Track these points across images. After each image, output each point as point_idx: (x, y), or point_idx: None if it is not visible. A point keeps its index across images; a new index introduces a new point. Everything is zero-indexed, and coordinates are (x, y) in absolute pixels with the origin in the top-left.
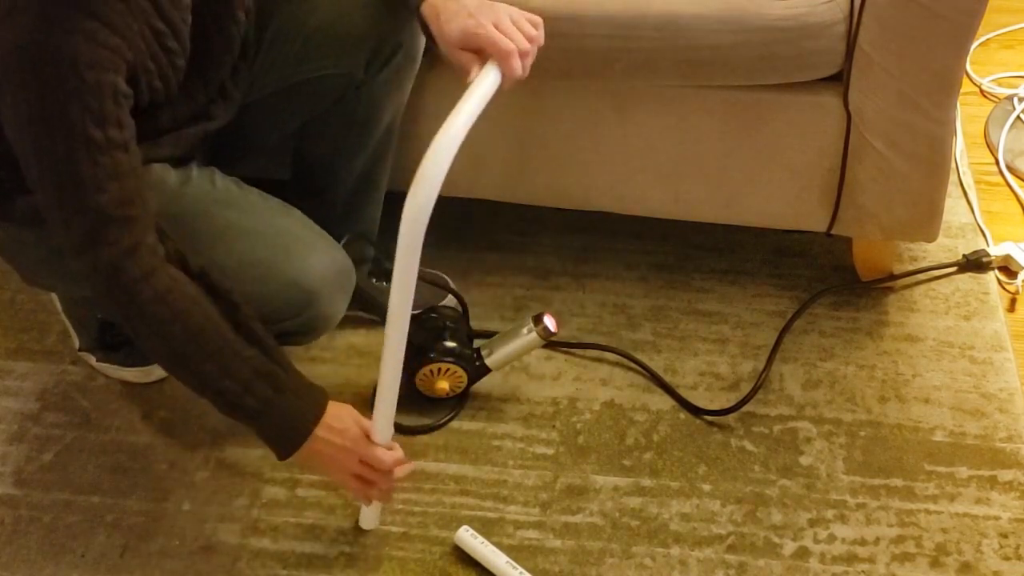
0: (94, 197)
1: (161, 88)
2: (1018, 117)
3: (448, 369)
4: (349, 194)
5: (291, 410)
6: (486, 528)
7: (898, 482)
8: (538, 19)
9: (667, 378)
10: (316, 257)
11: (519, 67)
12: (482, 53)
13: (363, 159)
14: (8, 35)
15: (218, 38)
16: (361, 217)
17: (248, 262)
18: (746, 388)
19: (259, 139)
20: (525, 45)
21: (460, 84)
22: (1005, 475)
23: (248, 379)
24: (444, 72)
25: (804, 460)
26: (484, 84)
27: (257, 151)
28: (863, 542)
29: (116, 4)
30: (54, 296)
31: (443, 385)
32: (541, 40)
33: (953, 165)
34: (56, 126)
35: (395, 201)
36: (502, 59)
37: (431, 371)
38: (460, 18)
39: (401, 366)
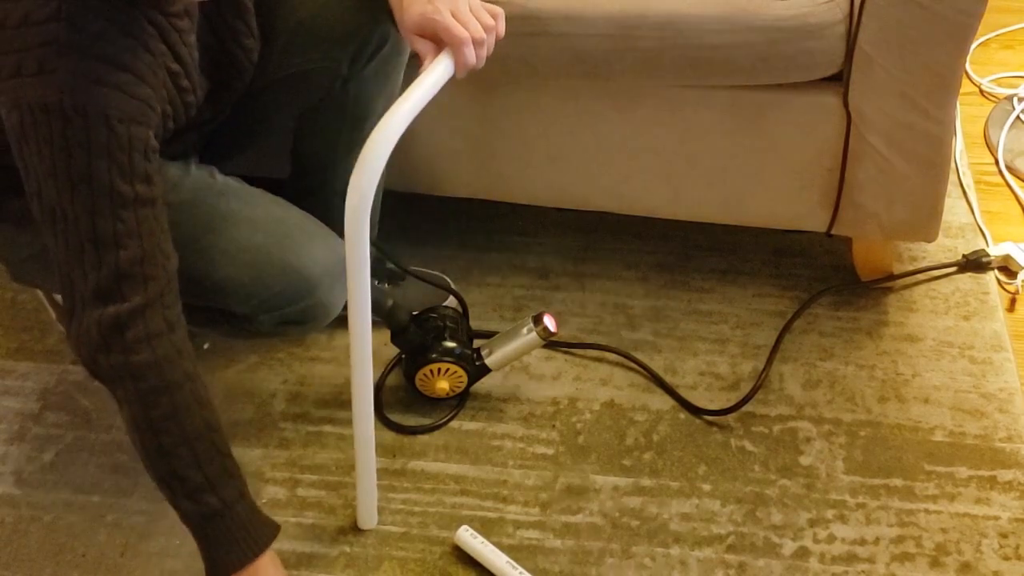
0: (113, 253)
1: (172, 126)
2: (1018, 117)
3: (448, 369)
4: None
5: (249, 523)
6: (486, 528)
7: (898, 482)
8: (498, 10)
9: (667, 378)
10: (316, 245)
11: (472, 55)
12: (439, 41)
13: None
14: (37, 92)
15: (228, 68)
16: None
17: (246, 247)
18: (746, 388)
19: (250, 136)
20: (480, 34)
21: (478, 94)
22: (1005, 475)
23: (216, 476)
24: (462, 81)
25: (804, 460)
26: (435, 72)
27: (248, 148)
28: (863, 542)
29: (143, 55)
30: (48, 304)
31: (443, 385)
32: (501, 31)
33: (953, 165)
34: (81, 180)
35: (395, 200)
36: (455, 47)
37: (431, 371)
38: (419, 4)
39: (371, 363)
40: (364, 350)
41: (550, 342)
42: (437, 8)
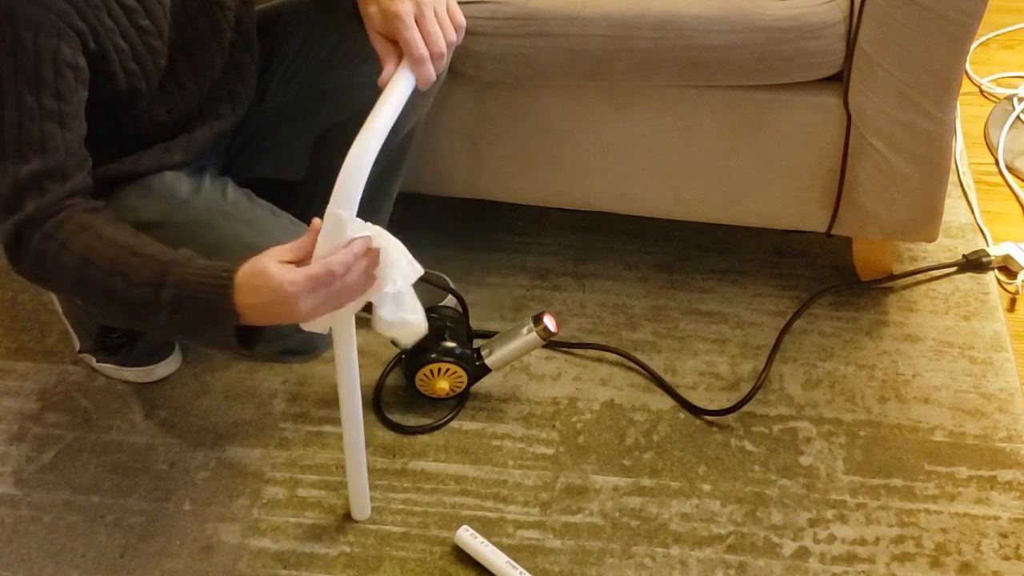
0: (13, 167)
1: (138, 70)
2: (1018, 117)
3: (448, 369)
4: (362, 199)
5: (203, 274)
6: (486, 528)
7: (898, 482)
8: (461, 21)
9: (667, 378)
10: None
11: (431, 73)
12: (398, 47)
13: (380, 166)
14: None
15: (203, 21)
16: (371, 221)
17: None
18: (746, 388)
19: (280, 144)
20: (440, 48)
21: (478, 94)
22: (1005, 475)
23: (156, 274)
24: (462, 81)
25: (804, 460)
26: (397, 90)
27: (276, 155)
28: (863, 542)
29: None
30: (54, 297)
31: (443, 385)
32: (461, 38)
33: (953, 165)
34: None
35: (395, 200)
36: (414, 64)
37: (431, 371)
38: (384, 1)
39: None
40: (348, 332)
41: (550, 342)
42: (398, 14)
